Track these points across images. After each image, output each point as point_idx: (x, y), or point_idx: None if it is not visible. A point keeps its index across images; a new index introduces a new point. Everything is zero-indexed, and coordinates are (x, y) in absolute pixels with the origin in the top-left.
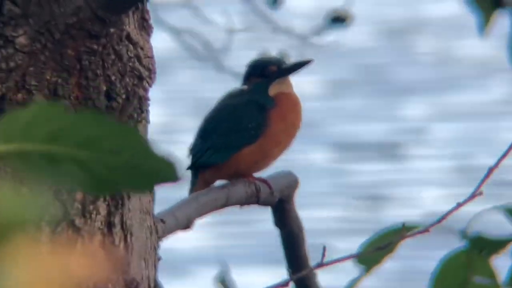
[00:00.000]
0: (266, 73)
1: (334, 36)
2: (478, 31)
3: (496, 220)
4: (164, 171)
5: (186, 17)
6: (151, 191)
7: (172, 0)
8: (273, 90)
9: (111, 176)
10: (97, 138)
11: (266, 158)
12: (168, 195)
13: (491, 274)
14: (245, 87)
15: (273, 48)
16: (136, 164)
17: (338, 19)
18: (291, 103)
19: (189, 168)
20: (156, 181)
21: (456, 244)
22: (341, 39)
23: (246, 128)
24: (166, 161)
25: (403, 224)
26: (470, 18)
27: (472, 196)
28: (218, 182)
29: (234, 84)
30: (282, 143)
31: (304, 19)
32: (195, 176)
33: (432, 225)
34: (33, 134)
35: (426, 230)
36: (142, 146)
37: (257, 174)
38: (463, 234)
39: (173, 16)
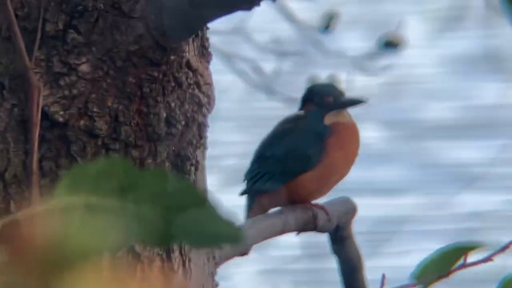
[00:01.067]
0: (322, 103)
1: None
2: None
3: None
4: (228, 233)
5: (237, 43)
6: (214, 249)
7: (222, 27)
8: (328, 119)
9: (173, 232)
10: (163, 194)
11: (323, 186)
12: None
13: None
14: (301, 112)
15: (325, 72)
16: (199, 223)
17: (390, 44)
18: (349, 132)
19: (244, 193)
20: (218, 242)
21: None
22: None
23: (304, 155)
24: (229, 224)
25: (464, 247)
26: None
27: None
28: (274, 208)
29: (286, 108)
30: (340, 171)
31: (356, 44)
32: (251, 201)
33: (495, 253)
34: (99, 188)
35: (489, 259)
36: (207, 207)
37: (314, 201)
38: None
39: (224, 42)
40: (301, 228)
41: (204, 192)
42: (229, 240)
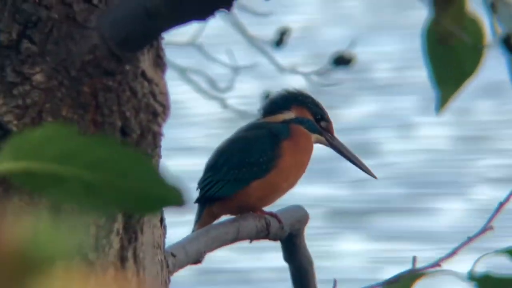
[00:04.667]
0: (319, 122)
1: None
2: (435, 108)
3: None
4: (171, 196)
5: (192, 56)
6: (157, 213)
7: (177, 40)
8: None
9: (116, 198)
10: (106, 160)
11: (274, 193)
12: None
13: None
14: (289, 115)
15: (277, 87)
16: (143, 188)
17: (342, 61)
18: (306, 141)
19: (197, 201)
20: (162, 205)
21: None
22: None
23: (258, 162)
24: (173, 186)
25: (412, 269)
26: None
27: (483, 230)
28: (225, 216)
29: (239, 121)
30: (291, 178)
31: (308, 59)
32: (201, 209)
33: (443, 259)
34: (42, 154)
35: (437, 264)
36: (150, 171)
37: (266, 208)
38: (470, 274)
39: (178, 55)
40: (254, 236)
41: (148, 158)
42: (173, 203)
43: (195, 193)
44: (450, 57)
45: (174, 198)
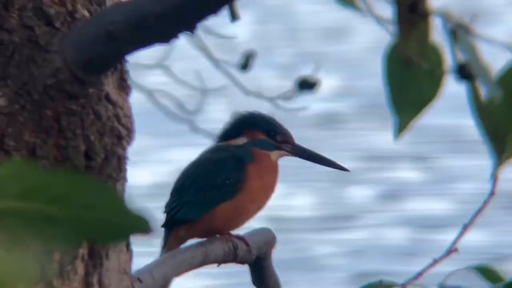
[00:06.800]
0: (275, 138)
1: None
2: (393, 134)
3: (470, 278)
4: (137, 224)
5: (158, 77)
6: (123, 242)
7: (144, 61)
8: (271, 154)
9: (82, 230)
10: (71, 194)
11: (241, 216)
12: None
13: None
14: (242, 140)
15: (244, 110)
16: (109, 218)
17: (306, 85)
18: (270, 164)
19: (164, 225)
20: (128, 234)
21: None
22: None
23: (224, 184)
24: (138, 215)
25: (380, 281)
26: None
27: (448, 253)
28: (192, 240)
29: (207, 144)
30: (257, 201)
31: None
32: (168, 233)
33: (408, 282)
34: (6, 191)
35: (403, 287)
36: (115, 202)
37: (234, 232)
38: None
39: (144, 77)
40: (222, 260)
41: (111, 189)
42: (140, 231)
43: (161, 216)
44: (410, 83)
45: (141, 226)
